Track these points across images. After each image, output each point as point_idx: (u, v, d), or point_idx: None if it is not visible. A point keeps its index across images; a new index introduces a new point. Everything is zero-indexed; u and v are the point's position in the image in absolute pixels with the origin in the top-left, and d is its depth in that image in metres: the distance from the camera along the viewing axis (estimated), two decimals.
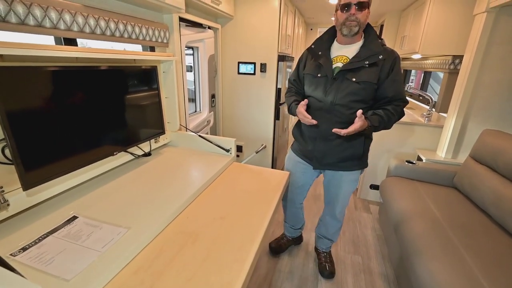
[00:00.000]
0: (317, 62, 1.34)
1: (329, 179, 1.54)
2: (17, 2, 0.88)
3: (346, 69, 1.24)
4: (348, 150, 1.37)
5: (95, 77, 1.11)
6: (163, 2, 1.39)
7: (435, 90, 3.37)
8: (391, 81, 1.25)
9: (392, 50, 1.26)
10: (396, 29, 3.45)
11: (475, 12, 1.88)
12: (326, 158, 1.42)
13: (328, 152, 1.40)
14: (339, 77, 1.26)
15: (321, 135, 1.37)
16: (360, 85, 1.24)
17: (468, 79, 1.91)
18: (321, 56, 1.33)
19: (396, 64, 1.25)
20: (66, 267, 0.71)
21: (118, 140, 1.28)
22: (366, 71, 1.23)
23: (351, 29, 1.21)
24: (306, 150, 1.49)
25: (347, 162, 1.41)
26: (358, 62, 1.23)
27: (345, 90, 1.25)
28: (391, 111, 1.25)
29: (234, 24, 2.54)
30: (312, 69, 1.36)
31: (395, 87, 1.26)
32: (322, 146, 1.40)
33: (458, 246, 1.31)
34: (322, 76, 1.31)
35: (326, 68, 1.29)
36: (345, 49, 1.30)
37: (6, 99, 0.79)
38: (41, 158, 0.92)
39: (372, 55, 1.22)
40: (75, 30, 1.10)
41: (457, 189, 1.89)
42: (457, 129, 2.07)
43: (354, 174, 1.47)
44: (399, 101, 1.29)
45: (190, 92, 2.46)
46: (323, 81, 1.31)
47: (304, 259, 1.87)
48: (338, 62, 1.29)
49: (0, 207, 0.85)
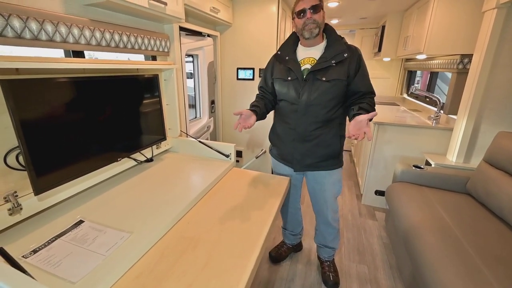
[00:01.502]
0: (286, 66, 1.38)
1: (312, 185, 1.56)
2: (31, 19, 0.94)
3: (315, 69, 1.29)
4: (326, 149, 1.40)
5: (101, 86, 1.17)
6: (163, 13, 1.44)
7: (443, 91, 3.27)
8: (361, 77, 1.31)
9: (355, 47, 1.33)
10: (398, 30, 3.44)
11: (484, 9, 1.81)
12: (306, 159, 1.44)
13: (307, 153, 1.42)
14: (309, 78, 1.31)
15: (299, 137, 1.40)
16: (331, 83, 1.29)
17: (479, 79, 1.83)
18: (288, 60, 1.38)
19: (362, 59, 1.32)
20: (72, 270, 0.76)
21: (122, 146, 1.33)
22: (334, 69, 1.28)
23: (312, 32, 1.27)
24: (284, 153, 1.52)
25: (326, 161, 1.44)
26: (325, 62, 1.28)
27: (317, 90, 1.30)
28: (369, 103, 1.29)
29: (233, 31, 2.60)
30: (282, 73, 1.40)
31: (365, 82, 1.32)
32: (300, 148, 1.42)
33: (474, 257, 1.21)
34: (292, 79, 1.35)
35: (296, 71, 1.34)
36: (310, 51, 1.36)
37: (20, 109, 0.85)
38: (52, 165, 0.98)
39: (338, 54, 1.28)
40: (83, 43, 1.16)
41: (470, 196, 1.78)
42: (469, 131, 1.96)
43: (335, 173, 1.49)
44: (370, 95, 1.34)
45: (190, 98, 2.51)
46: (294, 84, 1.35)
47: (306, 267, 1.84)
48: (306, 64, 1.35)
49: (14, 211, 0.91)
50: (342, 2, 2.86)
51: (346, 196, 2.86)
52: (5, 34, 0.88)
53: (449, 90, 2.48)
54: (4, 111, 0.85)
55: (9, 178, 0.95)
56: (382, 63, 4.23)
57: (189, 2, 1.74)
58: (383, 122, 2.42)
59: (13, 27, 0.90)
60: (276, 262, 1.87)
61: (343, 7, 3.08)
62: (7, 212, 0.89)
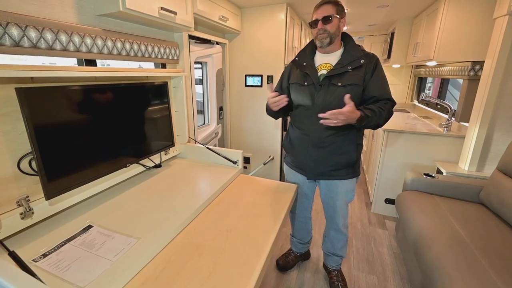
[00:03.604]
0: (303, 71, 1.39)
1: (325, 192, 1.54)
2: (46, 30, 0.98)
3: (331, 75, 1.30)
4: (341, 157, 1.38)
5: (112, 93, 1.20)
6: (173, 22, 1.47)
7: (455, 97, 3.21)
8: (375, 81, 1.30)
9: (373, 54, 1.33)
10: (408, 37, 3.41)
11: (496, 15, 1.79)
12: (320, 167, 1.42)
13: (321, 160, 1.40)
14: (325, 83, 1.32)
15: (313, 143, 1.39)
16: (346, 88, 1.28)
17: (491, 86, 1.81)
18: (306, 66, 1.39)
19: (378, 65, 1.31)
20: (80, 274, 0.77)
21: (131, 152, 1.35)
22: (351, 74, 1.29)
23: (322, 41, 1.31)
24: (298, 160, 1.51)
25: (341, 170, 1.42)
26: (341, 68, 1.29)
27: (333, 95, 1.30)
28: (381, 107, 1.28)
29: (241, 38, 2.63)
30: (299, 79, 1.41)
31: (379, 86, 1.31)
32: (314, 154, 1.41)
33: (488, 270, 1.18)
34: (308, 84, 1.36)
35: (312, 76, 1.35)
36: (328, 57, 1.37)
37: (34, 116, 0.87)
38: (63, 170, 1.00)
39: (354, 60, 1.29)
40: (95, 52, 1.19)
41: (484, 205, 1.73)
42: (481, 139, 1.93)
43: (349, 183, 1.47)
44: (386, 100, 1.32)
45: (199, 104, 2.55)
46: (310, 89, 1.36)
47: (315, 276, 1.81)
48: (322, 70, 1.36)
49: (26, 215, 0.93)
50: (351, 9, 2.87)
51: (356, 204, 2.82)
52: (21, 44, 0.92)
53: (461, 97, 2.45)
54: (19, 118, 0.89)
55: (22, 183, 0.98)
56: (392, 70, 4.20)
57: (198, 11, 1.78)
58: (393, 129, 2.38)
59: (29, 38, 0.94)
60: (284, 270, 1.85)
61: (352, 14, 3.09)
62: (19, 216, 0.92)
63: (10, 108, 0.91)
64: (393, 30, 3.59)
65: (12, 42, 0.90)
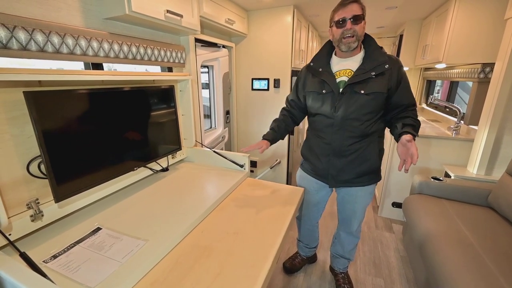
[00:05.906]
0: (319, 78, 1.31)
1: (343, 196, 1.49)
2: (53, 33, 1.00)
3: (353, 82, 1.21)
4: (364, 164, 1.32)
5: (119, 97, 1.21)
6: (179, 25, 1.48)
7: (464, 100, 3.18)
8: (404, 89, 1.24)
9: (396, 58, 1.25)
10: (417, 39, 3.37)
11: (507, 16, 1.75)
12: (342, 175, 1.36)
13: (344, 168, 1.34)
14: (347, 91, 1.23)
15: (335, 152, 1.33)
16: (370, 96, 1.21)
17: (501, 89, 1.78)
18: (322, 72, 1.31)
19: (403, 70, 1.25)
20: (90, 275, 0.77)
21: (139, 156, 1.36)
22: (374, 81, 1.20)
23: (350, 46, 1.20)
24: (319, 168, 1.43)
25: (363, 177, 1.36)
26: (364, 74, 1.20)
27: (355, 104, 1.22)
28: (414, 117, 1.23)
29: (248, 41, 2.64)
30: (315, 86, 1.33)
31: (407, 94, 1.26)
32: (337, 163, 1.34)
33: (496, 274, 1.16)
34: (327, 92, 1.28)
35: (331, 84, 1.26)
36: (347, 62, 1.27)
37: (42, 120, 0.89)
38: (71, 173, 1.01)
39: (378, 66, 1.20)
40: (102, 56, 1.21)
41: (492, 209, 1.72)
42: (490, 143, 1.91)
43: (370, 187, 1.42)
44: (412, 107, 1.28)
45: (206, 108, 2.56)
46: (329, 97, 1.28)
47: (321, 279, 1.81)
48: (342, 76, 1.27)
49: (36, 217, 0.95)
50: None
51: None
52: (29, 48, 0.94)
53: (470, 100, 2.41)
54: (27, 121, 0.90)
55: (32, 186, 0.99)
56: None
57: (205, 14, 1.79)
58: None
59: (36, 41, 0.95)
60: (290, 273, 1.85)
61: None
62: (30, 218, 0.93)
63: (18, 111, 0.92)
64: (402, 32, 3.56)
65: (20, 46, 0.91)
